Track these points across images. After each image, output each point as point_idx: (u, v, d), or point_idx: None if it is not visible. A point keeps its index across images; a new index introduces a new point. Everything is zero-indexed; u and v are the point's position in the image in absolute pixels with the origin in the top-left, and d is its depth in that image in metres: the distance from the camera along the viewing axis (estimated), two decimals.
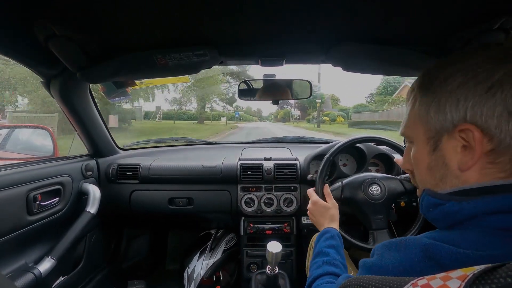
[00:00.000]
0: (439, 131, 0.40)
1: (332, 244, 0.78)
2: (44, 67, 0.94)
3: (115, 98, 1.24)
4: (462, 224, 0.36)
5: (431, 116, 0.41)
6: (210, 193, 1.35)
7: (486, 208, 0.34)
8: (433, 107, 0.40)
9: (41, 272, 0.92)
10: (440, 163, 0.41)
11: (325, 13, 0.68)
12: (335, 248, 0.77)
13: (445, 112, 0.38)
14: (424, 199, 0.43)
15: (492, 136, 0.35)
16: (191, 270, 1.46)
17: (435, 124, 0.40)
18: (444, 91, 0.39)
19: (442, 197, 0.40)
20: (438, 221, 0.41)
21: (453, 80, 0.38)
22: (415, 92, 0.45)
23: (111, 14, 0.67)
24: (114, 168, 1.36)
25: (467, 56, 0.39)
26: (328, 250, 0.76)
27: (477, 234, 0.34)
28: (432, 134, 0.41)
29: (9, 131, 1.58)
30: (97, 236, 1.39)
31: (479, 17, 0.67)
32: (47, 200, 1.03)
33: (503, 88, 0.34)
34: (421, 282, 0.28)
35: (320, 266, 0.71)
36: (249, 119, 45.13)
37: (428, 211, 0.42)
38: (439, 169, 0.42)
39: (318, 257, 0.76)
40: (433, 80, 0.41)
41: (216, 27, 0.75)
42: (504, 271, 0.24)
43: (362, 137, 1.14)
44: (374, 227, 0.98)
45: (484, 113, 0.35)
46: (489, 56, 0.36)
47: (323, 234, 0.83)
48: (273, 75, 1.14)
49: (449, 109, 0.38)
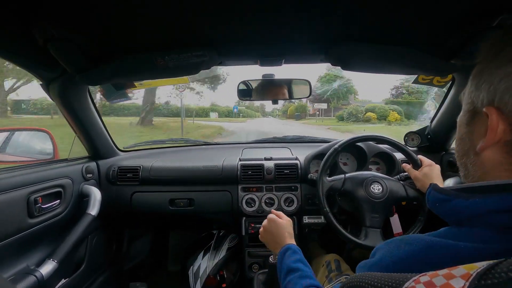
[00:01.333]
0: (474, 107, 0.40)
1: (298, 258, 0.77)
2: (43, 69, 0.93)
3: (115, 100, 1.24)
4: (470, 220, 0.36)
5: (472, 90, 0.41)
6: (210, 193, 1.35)
7: (495, 206, 0.33)
8: (476, 79, 0.40)
9: (43, 274, 0.91)
10: (469, 137, 0.42)
11: (324, 13, 0.68)
12: (302, 262, 0.77)
13: (480, 90, 0.38)
14: (430, 194, 0.43)
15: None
16: (196, 269, 1.46)
17: (473, 98, 0.40)
18: (489, 67, 0.38)
19: (449, 193, 0.39)
20: (446, 217, 0.40)
21: (503, 55, 0.36)
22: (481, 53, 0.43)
23: (109, 16, 0.67)
24: (115, 169, 1.36)
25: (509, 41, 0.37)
26: (297, 265, 0.75)
27: (483, 231, 0.34)
28: (470, 106, 0.41)
29: (9, 134, 1.58)
30: (99, 238, 1.39)
31: (478, 15, 0.67)
32: (48, 203, 1.03)
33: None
34: (424, 279, 0.27)
35: (297, 283, 0.70)
36: (252, 115, 39.32)
37: (435, 206, 0.42)
38: (466, 142, 0.42)
39: (291, 275, 0.74)
40: (495, 45, 0.39)
41: (215, 28, 0.75)
42: (505, 266, 0.24)
43: (363, 136, 1.15)
44: (368, 225, 0.98)
45: (510, 101, 0.34)
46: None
47: (285, 251, 0.82)
48: (272, 75, 1.14)
49: (484, 88, 0.37)
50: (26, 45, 0.77)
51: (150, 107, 12.83)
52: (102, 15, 0.67)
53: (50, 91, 1.02)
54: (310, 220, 1.32)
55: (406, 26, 0.75)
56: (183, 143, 1.87)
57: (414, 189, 1.02)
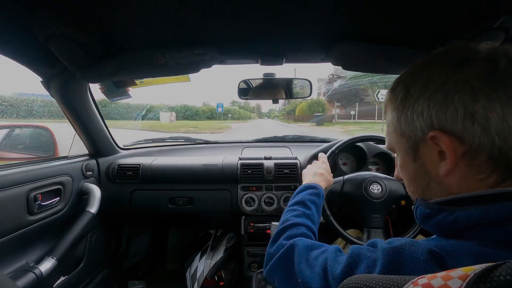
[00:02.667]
0: (414, 140, 0.41)
1: (315, 201, 0.75)
2: (43, 66, 0.93)
3: (115, 98, 1.24)
4: (460, 234, 0.36)
5: (403, 127, 0.42)
6: (210, 192, 1.35)
7: (481, 219, 0.34)
8: (403, 118, 0.41)
9: (42, 272, 0.92)
10: (422, 171, 0.42)
11: (325, 12, 0.68)
12: (317, 206, 0.75)
13: (413, 122, 0.40)
14: (418, 209, 0.43)
15: (462, 139, 0.35)
16: (193, 271, 1.47)
17: (409, 134, 0.41)
18: (409, 102, 0.40)
19: (433, 208, 0.39)
20: (434, 231, 0.41)
21: (415, 90, 0.39)
22: (386, 102, 0.46)
23: (110, 13, 0.67)
24: (115, 167, 1.36)
25: (425, 65, 0.40)
26: (310, 204, 0.73)
27: (474, 246, 0.34)
28: (409, 144, 0.42)
29: (9, 130, 1.58)
30: (98, 235, 1.39)
31: (479, 16, 0.66)
32: (48, 200, 1.03)
33: (459, 92, 0.35)
34: (422, 281, 0.27)
35: (300, 216, 0.69)
36: (245, 116, 31.20)
37: (423, 221, 0.42)
38: (422, 177, 0.42)
39: (299, 206, 0.72)
40: (399, 91, 0.42)
41: (215, 26, 0.75)
42: (504, 269, 0.24)
43: (363, 136, 1.14)
44: (370, 225, 0.98)
45: (449, 118, 0.36)
46: (444, 64, 0.38)
47: (309, 187, 0.79)
48: (273, 74, 1.14)
49: (416, 118, 0.39)
50: (27, 42, 0.77)
51: None
52: (103, 12, 0.67)
53: (51, 88, 1.02)
54: None
55: (407, 27, 0.75)
56: (183, 142, 1.87)
57: None
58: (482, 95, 0.34)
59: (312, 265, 0.50)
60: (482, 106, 0.34)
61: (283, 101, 24.99)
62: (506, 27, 0.67)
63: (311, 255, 0.52)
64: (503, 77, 0.34)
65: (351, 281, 0.37)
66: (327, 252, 0.50)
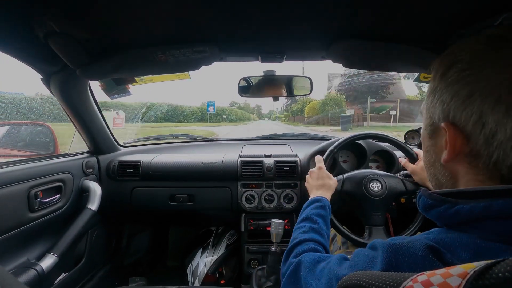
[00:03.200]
0: (433, 122, 0.42)
1: (321, 213, 0.78)
2: (43, 64, 0.93)
3: (115, 95, 1.24)
4: (459, 226, 0.37)
5: (429, 106, 0.43)
6: (210, 189, 1.36)
7: (484, 213, 0.34)
8: (430, 99, 0.43)
9: (43, 268, 0.92)
10: (433, 149, 0.44)
11: (325, 10, 0.68)
12: (324, 218, 0.77)
13: (436, 107, 0.41)
14: (420, 199, 0.44)
15: (469, 139, 0.36)
16: (194, 267, 1.47)
17: (431, 114, 0.43)
18: (441, 85, 0.40)
19: (436, 199, 0.40)
20: (436, 221, 0.41)
21: (451, 74, 0.39)
22: (435, 66, 0.44)
23: (110, 10, 0.67)
24: (115, 165, 1.36)
25: (475, 45, 0.39)
26: (316, 218, 0.76)
27: (474, 239, 0.34)
28: (430, 121, 0.44)
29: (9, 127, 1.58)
30: (99, 233, 1.40)
31: (480, 13, 0.66)
32: (48, 197, 1.03)
33: (484, 97, 0.34)
34: (421, 278, 0.28)
35: (307, 231, 0.71)
36: (244, 117, 27.26)
37: (425, 211, 0.42)
38: (431, 154, 0.45)
39: (305, 222, 0.75)
40: (444, 63, 0.41)
41: (216, 23, 0.75)
42: (503, 266, 0.24)
43: (363, 134, 1.14)
44: (371, 223, 0.98)
45: (463, 117, 0.36)
46: (489, 54, 0.36)
47: (314, 201, 0.83)
48: (273, 72, 1.14)
49: (439, 105, 0.40)
50: (27, 39, 0.77)
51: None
52: (103, 9, 0.66)
53: (51, 86, 1.02)
54: None
55: (408, 24, 0.74)
56: (183, 139, 1.87)
57: (412, 183, 1.02)
58: (503, 107, 0.33)
59: (319, 276, 0.51)
60: (495, 119, 0.33)
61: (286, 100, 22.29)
62: (508, 24, 0.67)
63: (318, 267, 0.54)
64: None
65: (351, 278, 0.37)
66: (331, 262, 0.51)
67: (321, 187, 0.92)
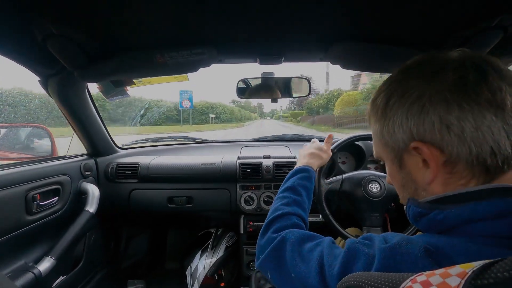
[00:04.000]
0: (398, 150, 0.42)
1: (306, 185, 0.75)
2: (41, 66, 0.93)
3: (113, 97, 1.24)
4: (450, 231, 0.37)
5: (386, 139, 0.43)
6: (209, 191, 1.35)
7: (470, 216, 0.35)
8: (385, 130, 0.42)
9: (41, 271, 0.91)
10: (409, 179, 0.43)
11: (323, 12, 0.68)
12: (308, 191, 0.74)
13: (395, 134, 0.41)
14: (410, 209, 0.44)
15: (442, 148, 0.37)
16: (194, 269, 1.47)
17: (392, 144, 0.42)
18: (389, 114, 0.41)
19: (425, 206, 0.40)
20: (427, 229, 0.41)
21: (393, 102, 0.40)
22: (369, 113, 0.47)
23: (109, 13, 0.67)
24: (113, 167, 1.36)
25: (400, 77, 0.41)
26: (301, 190, 0.72)
27: (465, 243, 0.34)
28: (394, 153, 0.43)
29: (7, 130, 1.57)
30: (97, 235, 1.39)
31: (478, 15, 0.67)
32: (46, 200, 1.03)
33: (434, 104, 0.36)
34: (420, 278, 0.28)
35: (290, 204, 0.67)
36: (243, 117, 22.19)
37: (416, 221, 0.43)
38: (409, 185, 0.44)
39: (289, 192, 0.71)
40: (379, 102, 0.43)
41: (214, 26, 0.75)
42: (501, 266, 0.24)
43: (362, 135, 1.15)
44: (369, 224, 0.98)
45: (427, 129, 0.37)
46: (417, 77, 0.39)
47: (300, 171, 0.78)
48: (271, 73, 1.14)
49: (397, 130, 0.40)
50: (25, 41, 0.77)
51: None
52: (101, 11, 0.66)
53: (49, 88, 1.02)
54: (309, 218, 1.32)
55: (406, 26, 0.75)
56: (182, 141, 1.86)
57: None
58: (455, 105, 0.35)
59: (307, 259, 0.49)
60: (456, 116, 0.35)
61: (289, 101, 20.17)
62: (504, 25, 0.68)
63: (304, 248, 0.52)
64: (472, 87, 0.35)
65: (350, 279, 0.37)
66: (323, 245, 0.49)
67: (310, 154, 0.87)
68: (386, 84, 0.43)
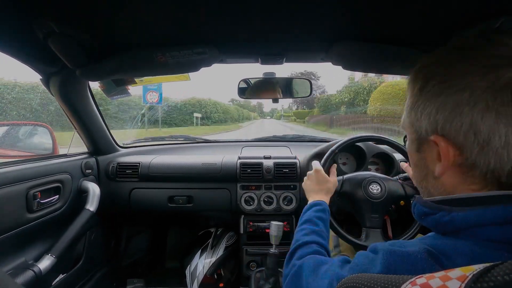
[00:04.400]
0: (420, 136, 0.41)
1: (322, 217, 0.78)
2: (43, 64, 0.93)
3: (115, 96, 1.24)
4: (456, 233, 0.37)
5: (413, 121, 0.42)
6: (209, 191, 1.35)
7: (478, 220, 0.34)
8: (414, 111, 0.41)
9: (41, 269, 0.92)
10: (423, 163, 0.43)
11: (325, 12, 0.68)
12: (324, 221, 0.77)
13: (421, 120, 0.40)
14: (415, 207, 0.44)
15: (462, 150, 0.36)
16: (193, 268, 1.47)
17: (417, 128, 0.41)
18: (422, 97, 0.39)
19: (431, 206, 0.40)
20: (432, 228, 0.41)
21: (431, 87, 0.38)
22: (408, 84, 0.44)
23: (110, 11, 0.67)
24: (114, 166, 1.36)
25: (448, 57, 0.38)
26: (317, 221, 0.76)
27: (469, 246, 0.34)
28: (416, 136, 0.43)
29: (8, 128, 1.58)
30: (97, 234, 1.39)
31: (479, 16, 0.66)
32: (47, 198, 1.03)
33: (471, 105, 0.33)
34: (420, 281, 0.28)
35: (309, 234, 0.71)
36: (240, 117, 19.21)
37: (421, 219, 0.43)
38: (422, 168, 0.44)
39: (307, 225, 0.75)
40: (420, 78, 0.40)
41: (216, 25, 0.75)
42: (501, 269, 0.24)
43: (363, 136, 1.14)
44: (368, 225, 0.98)
45: (453, 129, 0.35)
46: (468, 64, 0.35)
47: (314, 205, 0.83)
48: (273, 73, 1.14)
49: (424, 118, 0.39)
50: (26, 39, 0.77)
51: None
52: (103, 10, 0.67)
53: (50, 86, 1.02)
54: None
55: (408, 26, 0.75)
56: (183, 140, 1.87)
57: (412, 187, 1.02)
58: (492, 114, 0.32)
59: (321, 278, 0.51)
60: (488, 126, 0.32)
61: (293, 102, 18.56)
62: (507, 27, 0.67)
63: (321, 270, 0.54)
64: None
65: (350, 280, 0.37)
66: (334, 264, 0.51)
67: (320, 191, 0.92)
68: (432, 59, 0.40)
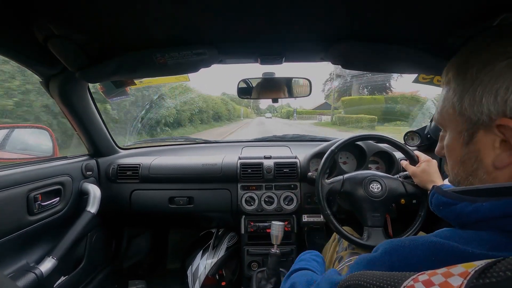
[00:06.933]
0: (475, 124, 0.36)
1: (316, 259, 0.82)
2: (43, 66, 0.93)
3: (114, 98, 1.24)
4: (477, 224, 0.35)
5: (465, 107, 0.37)
6: (210, 192, 1.35)
7: (505, 211, 0.32)
8: (468, 97, 0.36)
9: (42, 272, 0.92)
10: (473, 157, 0.38)
11: (324, 11, 0.68)
12: (319, 263, 0.81)
13: (481, 104, 0.34)
14: (434, 197, 0.41)
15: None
16: (195, 269, 1.47)
17: (470, 116, 0.36)
18: (483, 78, 0.34)
19: (453, 197, 0.38)
20: (450, 220, 0.39)
21: (493, 67, 0.33)
22: (449, 76, 0.40)
23: (110, 13, 0.67)
24: (114, 167, 1.36)
25: (507, 38, 0.34)
26: (312, 261, 0.80)
27: (491, 235, 0.32)
28: (466, 126, 0.38)
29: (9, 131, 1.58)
30: (98, 235, 1.39)
31: (479, 14, 0.66)
32: (48, 200, 1.03)
33: None
34: (422, 278, 0.28)
35: (305, 264, 0.76)
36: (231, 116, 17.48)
37: (439, 209, 0.40)
38: (471, 163, 0.38)
39: (301, 262, 0.79)
40: (469, 65, 0.36)
41: (215, 26, 0.75)
42: (503, 265, 0.24)
43: (363, 135, 1.14)
44: (370, 224, 0.98)
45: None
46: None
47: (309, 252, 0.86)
48: (272, 73, 1.14)
49: (486, 100, 0.34)
50: (26, 42, 0.77)
51: None
52: (102, 12, 0.67)
53: (50, 88, 1.02)
54: (309, 219, 1.32)
55: (407, 25, 0.75)
56: (183, 141, 1.87)
57: (412, 185, 1.02)
58: None
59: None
60: None
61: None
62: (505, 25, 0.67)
63: (314, 284, 0.55)
64: None
65: (353, 278, 0.37)
66: (327, 274, 0.52)
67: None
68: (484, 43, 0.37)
